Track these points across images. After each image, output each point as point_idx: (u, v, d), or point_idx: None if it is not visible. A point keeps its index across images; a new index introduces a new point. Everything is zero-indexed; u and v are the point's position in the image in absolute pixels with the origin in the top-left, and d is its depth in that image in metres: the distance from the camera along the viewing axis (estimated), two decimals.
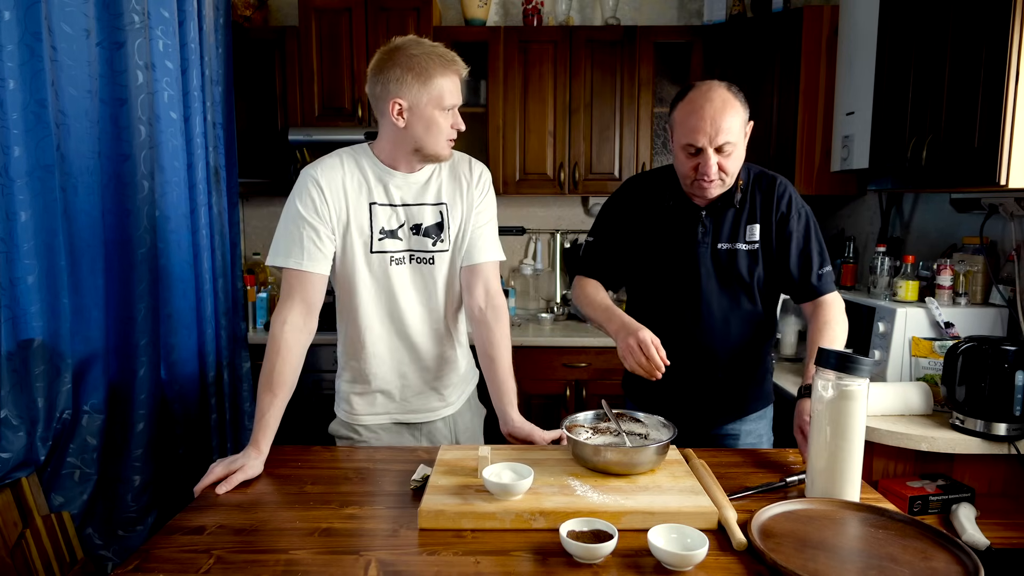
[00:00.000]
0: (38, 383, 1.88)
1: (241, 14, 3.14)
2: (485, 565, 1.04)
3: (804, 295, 1.65)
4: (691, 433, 1.64)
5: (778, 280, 1.66)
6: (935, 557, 1.03)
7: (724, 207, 1.63)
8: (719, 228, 1.63)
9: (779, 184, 1.65)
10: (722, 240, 1.63)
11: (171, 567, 1.04)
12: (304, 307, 1.53)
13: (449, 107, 1.50)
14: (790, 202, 1.63)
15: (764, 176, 1.67)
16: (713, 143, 1.50)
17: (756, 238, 1.63)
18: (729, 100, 1.51)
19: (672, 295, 1.67)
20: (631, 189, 1.76)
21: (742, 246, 1.63)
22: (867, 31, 2.45)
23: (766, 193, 1.64)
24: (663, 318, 1.66)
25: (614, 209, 1.76)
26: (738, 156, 1.55)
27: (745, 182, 1.64)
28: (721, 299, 1.65)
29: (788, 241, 1.62)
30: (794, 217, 1.63)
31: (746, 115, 1.55)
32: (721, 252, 1.63)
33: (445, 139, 1.52)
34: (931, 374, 2.14)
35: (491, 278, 1.65)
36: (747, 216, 1.63)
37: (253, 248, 3.54)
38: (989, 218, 2.25)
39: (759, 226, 1.63)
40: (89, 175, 2.02)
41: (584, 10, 3.41)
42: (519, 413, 1.60)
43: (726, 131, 1.49)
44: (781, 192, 1.64)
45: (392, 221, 1.58)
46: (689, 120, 1.51)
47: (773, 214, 1.63)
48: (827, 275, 1.65)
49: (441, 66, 1.47)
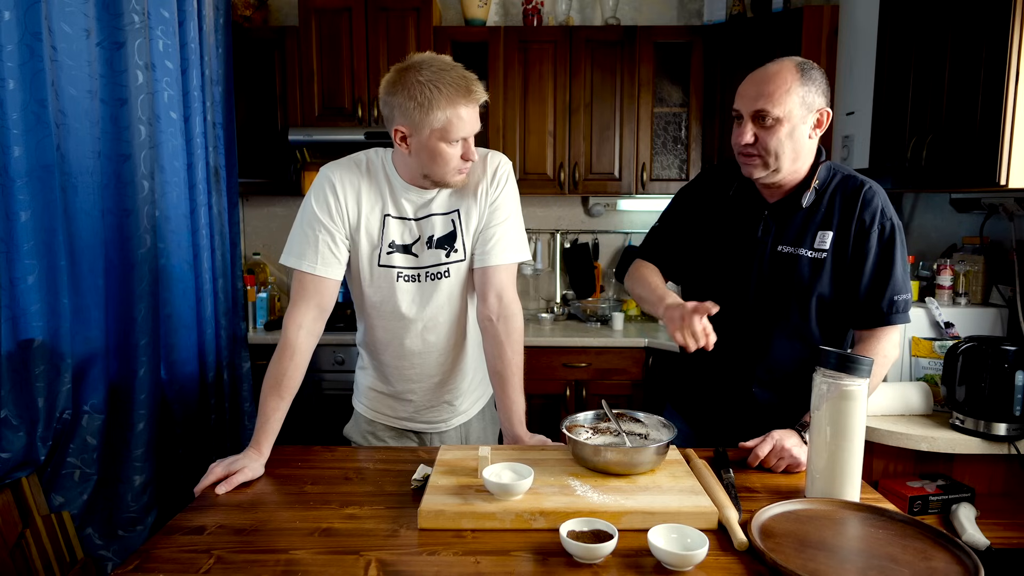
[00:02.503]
0: (38, 383, 1.88)
1: (241, 14, 3.14)
2: (485, 565, 1.04)
3: (869, 321, 1.45)
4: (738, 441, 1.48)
5: (844, 301, 1.47)
6: (935, 557, 1.03)
7: (792, 207, 1.48)
8: (783, 229, 1.48)
9: (867, 190, 1.45)
10: (784, 242, 1.48)
11: (171, 567, 1.04)
12: (318, 311, 1.51)
13: (456, 140, 1.41)
14: (876, 212, 1.43)
15: (851, 180, 1.47)
16: (750, 108, 1.39)
17: (827, 247, 1.44)
18: (786, 71, 1.38)
19: (719, 295, 1.47)
20: (706, 177, 1.64)
21: (806, 252, 1.46)
22: (867, 31, 2.45)
23: (849, 199, 1.45)
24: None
25: (685, 196, 1.64)
26: (786, 135, 1.38)
27: (822, 181, 1.47)
28: (768, 307, 1.49)
29: (864, 259, 1.43)
30: (876, 230, 1.43)
31: (810, 96, 1.38)
32: (782, 255, 1.47)
33: (453, 169, 1.45)
34: (931, 374, 2.14)
35: (505, 284, 1.55)
36: (820, 221, 1.46)
37: (253, 248, 3.54)
38: (989, 218, 2.26)
39: (833, 234, 1.44)
40: (89, 175, 2.02)
41: (584, 10, 3.41)
42: (527, 431, 1.54)
43: (766, 98, 1.36)
44: (868, 199, 1.44)
45: (406, 236, 1.54)
46: (742, 85, 1.43)
47: (853, 223, 1.43)
48: (901, 303, 1.44)
49: (447, 97, 1.37)
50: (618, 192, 3.23)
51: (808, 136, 1.43)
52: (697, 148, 3.19)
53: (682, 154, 3.27)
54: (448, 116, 1.38)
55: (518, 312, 1.56)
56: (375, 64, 3.05)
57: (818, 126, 1.43)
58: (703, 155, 3.19)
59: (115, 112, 2.10)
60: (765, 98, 1.38)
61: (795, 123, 1.39)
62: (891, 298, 1.44)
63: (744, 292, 1.52)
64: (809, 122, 1.41)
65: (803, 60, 1.42)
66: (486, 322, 1.55)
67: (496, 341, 1.55)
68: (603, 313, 3.30)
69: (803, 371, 1.41)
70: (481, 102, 1.42)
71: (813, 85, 1.39)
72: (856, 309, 1.47)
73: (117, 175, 2.13)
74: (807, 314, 1.49)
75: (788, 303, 1.49)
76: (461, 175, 1.48)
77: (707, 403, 1.61)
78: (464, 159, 1.45)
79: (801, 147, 1.42)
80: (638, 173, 3.17)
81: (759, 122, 1.40)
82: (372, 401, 1.69)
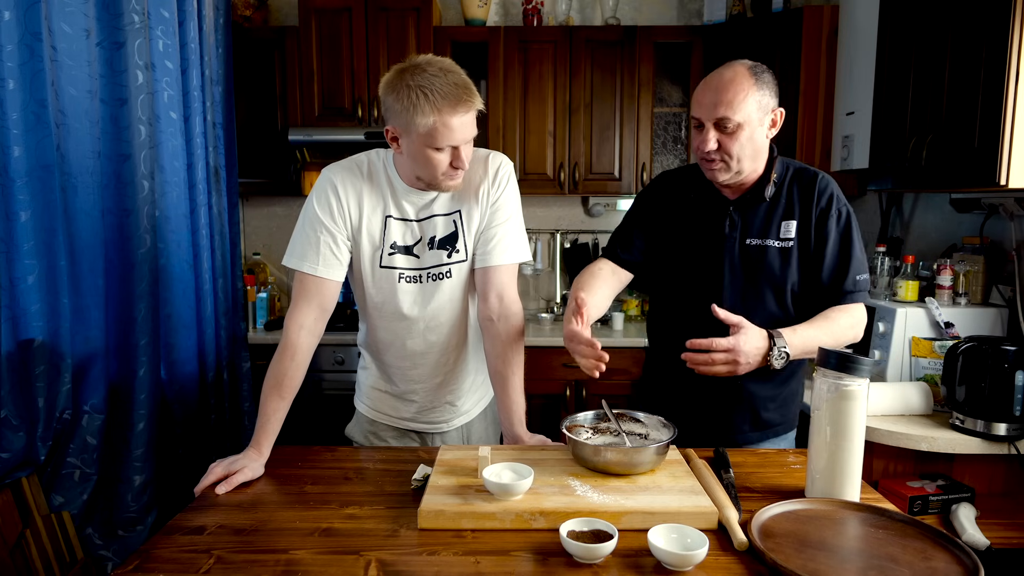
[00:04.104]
0: (38, 383, 1.88)
1: (241, 14, 3.14)
2: (485, 565, 1.04)
3: (834, 301, 1.51)
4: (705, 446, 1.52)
5: (810, 284, 1.53)
6: (935, 557, 1.03)
7: (754, 201, 1.53)
8: (749, 223, 1.53)
9: (820, 180, 1.53)
10: (751, 235, 1.52)
11: (171, 567, 1.04)
12: (319, 312, 1.51)
13: (442, 147, 1.39)
14: (831, 199, 1.51)
15: (804, 172, 1.56)
16: (711, 116, 1.42)
17: (792, 235, 1.51)
18: (740, 78, 1.42)
19: (692, 294, 1.56)
20: (661, 184, 1.68)
21: (774, 243, 1.52)
22: (867, 31, 2.45)
23: (805, 189, 1.53)
24: (682, 319, 1.58)
25: (643, 202, 1.68)
26: (747, 139, 1.44)
27: (780, 176, 1.54)
28: (744, 299, 1.53)
29: (824, 243, 1.50)
30: (833, 216, 1.51)
31: (764, 99, 1.44)
32: (750, 248, 1.52)
33: (441, 175, 1.43)
34: (931, 374, 2.14)
35: (506, 284, 1.55)
36: (783, 212, 1.53)
37: (253, 248, 3.54)
38: (989, 218, 2.26)
39: (796, 223, 1.51)
40: (89, 175, 2.02)
41: (584, 10, 3.41)
42: (527, 431, 1.54)
43: (726, 105, 1.40)
44: (823, 188, 1.52)
45: (408, 237, 1.54)
46: (697, 93, 1.47)
47: (813, 211, 1.51)
48: (862, 283, 1.52)
49: (433, 104, 1.34)
50: (618, 192, 3.23)
51: (765, 136, 1.49)
52: None
53: (682, 154, 3.27)
54: (433, 123, 1.35)
55: (519, 312, 1.56)
56: (375, 64, 3.05)
57: (773, 126, 1.49)
58: None
59: (115, 112, 2.10)
60: (725, 105, 1.42)
61: (754, 126, 1.45)
62: (854, 277, 1.51)
63: (718, 288, 1.54)
64: (765, 123, 1.48)
65: (754, 63, 1.47)
66: (487, 322, 1.56)
67: (497, 341, 1.55)
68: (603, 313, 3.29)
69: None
70: (474, 111, 1.40)
71: (767, 88, 1.45)
72: (821, 290, 1.52)
73: (117, 175, 2.13)
74: (784, 302, 1.54)
75: (763, 293, 1.53)
76: (453, 181, 1.46)
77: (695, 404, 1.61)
78: (453, 167, 1.43)
79: (760, 147, 1.49)
80: (638, 173, 3.17)
81: (721, 129, 1.44)
82: (374, 401, 1.69)
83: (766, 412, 1.60)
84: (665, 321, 1.67)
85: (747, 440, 1.62)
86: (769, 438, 1.64)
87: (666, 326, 1.66)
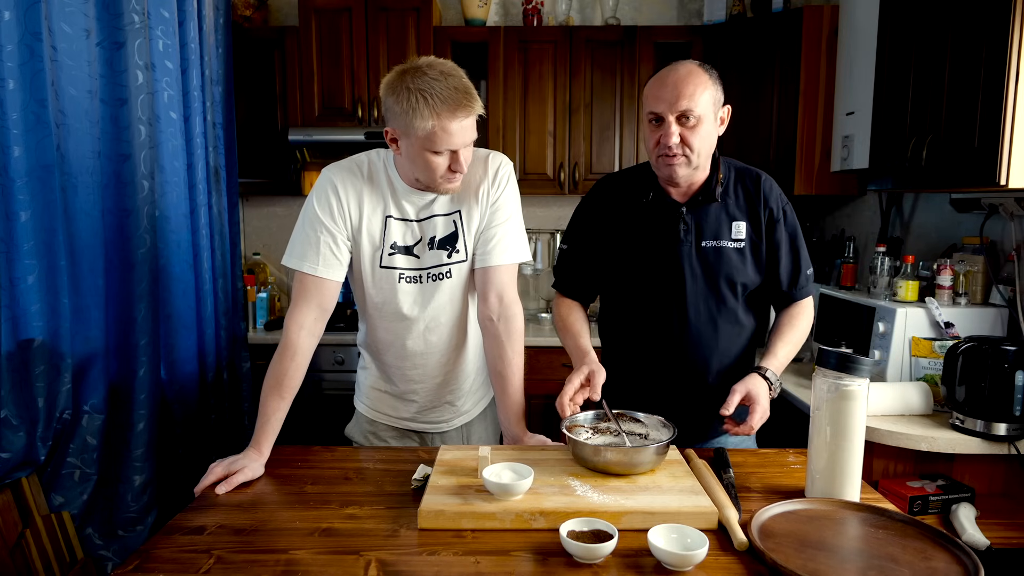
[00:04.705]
0: (38, 383, 1.88)
1: (241, 14, 3.15)
2: (485, 565, 1.04)
3: (790, 300, 1.61)
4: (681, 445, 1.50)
5: (767, 286, 1.59)
6: (935, 557, 1.03)
7: (706, 202, 1.54)
8: (702, 225, 1.54)
9: (764, 181, 1.57)
10: (707, 237, 1.54)
11: (171, 567, 1.04)
12: (319, 312, 1.51)
13: (440, 150, 1.39)
14: (776, 202, 1.56)
15: (747, 172, 1.59)
16: (674, 109, 1.43)
17: (743, 236, 1.55)
18: (696, 72, 1.44)
19: (653, 300, 1.57)
20: (604, 188, 1.65)
21: (728, 243, 1.54)
22: (867, 31, 2.45)
23: (750, 190, 1.56)
24: (643, 326, 1.59)
25: (587, 211, 1.66)
26: (705, 133, 1.46)
27: (726, 176, 1.56)
28: (707, 301, 1.55)
29: (778, 248, 1.56)
30: (780, 220, 1.56)
31: (717, 95, 1.47)
32: (707, 250, 1.54)
33: (439, 178, 1.44)
34: (931, 374, 2.14)
35: (506, 284, 1.55)
36: (732, 213, 1.55)
37: (253, 248, 3.54)
38: (989, 218, 2.25)
39: (746, 224, 1.55)
40: (89, 175, 2.01)
41: (584, 10, 3.41)
42: (527, 430, 1.54)
43: (688, 97, 1.42)
44: (767, 190, 1.56)
45: (408, 237, 1.54)
46: (652, 89, 1.48)
47: (761, 213, 1.55)
48: (810, 275, 1.62)
49: (432, 108, 1.34)
50: None
51: (716, 134, 1.51)
52: None
53: None
54: (431, 127, 1.35)
55: (519, 312, 1.56)
56: (375, 64, 3.05)
57: (722, 123, 1.52)
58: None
59: (115, 112, 2.10)
60: (687, 98, 1.43)
61: (710, 121, 1.47)
62: (805, 273, 1.60)
63: (680, 292, 1.55)
64: (717, 120, 1.50)
65: (701, 62, 1.49)
66: (487, 322, 1.56)
67: (497, 341, 1.55)
68: None
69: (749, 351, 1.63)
70: (473, 116, 1.40)
71: (717, 83, 1.49)
72: (778, 293, 1.60)
73: (117, 175, 2.13)
74: (739, 299, 1.58)
75: (724, 295, 1.56)
76: (451, 184, 1.46)
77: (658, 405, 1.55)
78: (451, 170, 1.43)
79: (712, 144, 1.51)
80: None
81: (683, 122, 1.44)
82: (374, 401, 1.69)
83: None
84: (622, 325, 1.65)
85: (715, 433, 1.62)
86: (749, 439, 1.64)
87: (624, 330, 1.65)
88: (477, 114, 1.41)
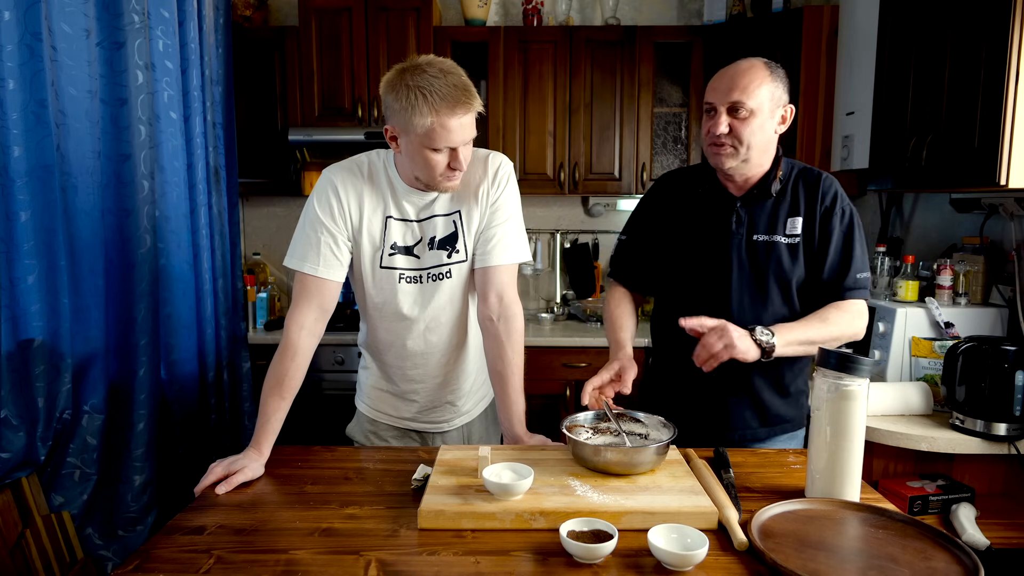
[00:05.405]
0: (38, 383, 1.88)
1: (241, 14, 3.14)
2: (485, 565, 1.04)
3: (832, 297, 1.53)
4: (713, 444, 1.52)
5: (811, 281, 1.55)
6: (935, 557, 1.03)
7: (761, 197, 1.54)
8: (755, 219, 1.54)
9: (824, 179, 1.56)
10: (759, 231, 1.54)
11: (171, 567, 1.04)
12: (319, 312, 1.51)
13: (440, 148, 1.39)
14: (835, 198, 1.54)
15: (809, 171, 1.59)
16: (725, 100, 1.45)
17: (798, 231, 1.53)
18: (756, 68, 1.46)
19: (699, 291, 1.58)
20: (665, 183, 1.70)
21: (782, 239, 1.53)
22: (867, 31, 2.45)
23: (810, 187, 1.55)
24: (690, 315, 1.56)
25: (647, 204, 1.70)
26: (757, 127, 1.46)
27: (785, 173, 1.56)
28: (752, 295, 1.54)
29: (828, 241, 1.53)
30: (837, 214, 1.53)
31: (778, 92, 1.48)
32: (758, 244, 1.53)
33: (439, 176, 1.43)
34: (931, 374, 2.14)
35: (506, 284, 1.55)
36: (788, 208, 1.54)
37: (253, 248, 3.54)
38: (989, 218, 2.26)
39: (802, 220, 1.54)
40: (89, 175, 2.02)
41: (584, 10, 3.41)
42: (527, 430, 1.54)
43: (740, 90, 1.44)
44: (827, 187, 1.55)
45: (408, 237, 1.54)
46: (711, 81, 1.51)
47: (817, 209, 1.53)
48: (863, 280, 1.54)
49: (432, 105, 1.34)
50: (618, 192, 3.23)
51: (774, 131, 1.52)
52: (697, 148, 3.18)
53: (682, 154, 3.27)
54: (431, 124, 1.35)
55: (519, 312, 1.56)
56: (375, 64, 3.05)
57: (783, 122, 1.53)
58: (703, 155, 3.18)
59: (115, 112, 2.10)
60: (739, 90, 1.45)
61: (765, 116, 1.48)
62: (855, 275, 1.53)
63: (725, 285, 1.55)
64: (776, 117, 1.51)
65: (768, 60, 1.50)
66: (487, 322, 1.56)
67: (497, 341, 1.55)
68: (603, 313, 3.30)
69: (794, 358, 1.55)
70: (473, 113, 1.40)
71: (780, 82, 1.49)
72: (822, 287, 1.54)
73: (117, 175, 2.13)
74: (790, 298, 1.55)
75: (769, 289, 1.54)
76: (451, 182, 1.46)
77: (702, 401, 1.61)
78: (450, 168, 1.43)
79: (768, 140, 1.51)
80: (638, 173, 3.17)
81: (733, 113, 1.47)
82: (375, 401, 1.69)
83: (774, 408, 1.60)
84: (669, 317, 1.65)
85: (756, 437, 1.61)
86: (778, 435, 1.64)
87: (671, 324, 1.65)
88: (476, 111, 1.41)
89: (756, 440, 1.62)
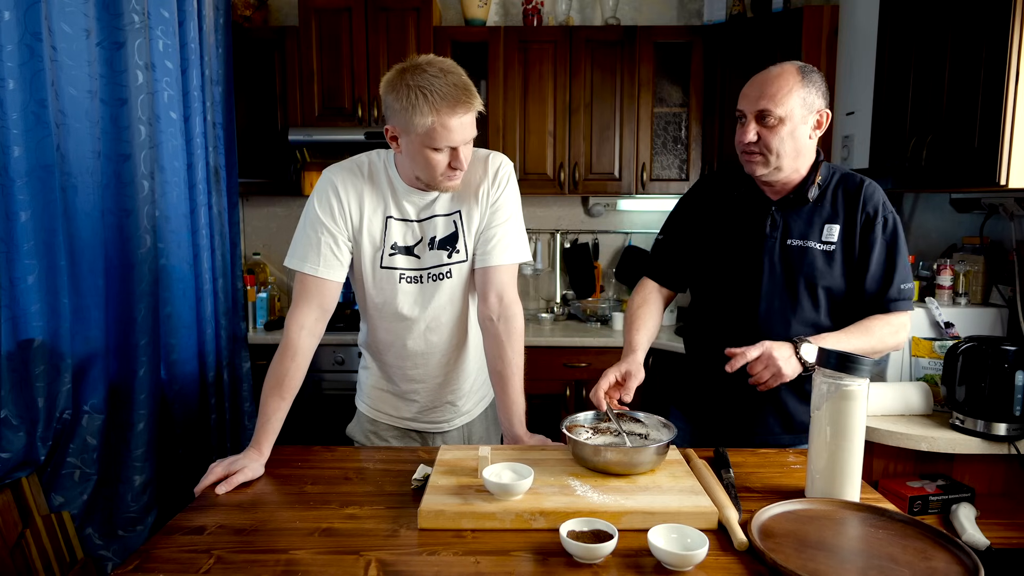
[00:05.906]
0: (38, 383, 1.88)
1: (241, 14, 3.14)
2: (485, 565, 1.04)
3: (876, 309, 1.50)
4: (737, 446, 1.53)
5: (853, 291, 1.51)
6: (935, 557, 1.03)
7: (797, 202, 1.52)
8: (790, 224, 1.52)
9: (867, 185, 1.52)
10: (793, 236, 1.51)
11: (171, 567, 1.04)
12: (320, 312, 1.51)
13: (441, 147, 1.39)
14: (877, 206, 1.50)
15: (850, 177, 1.54)
16: (753, 108, 1.44)
17: (835, 239, 1.50)
18: (787, 74, 1.43)
19: (730, 293, 1.57)
20: (704, 184, 1.69)
21: (817, 245, 1.50)
22: (867, 31, 2.45)
23: (851, 195, 1.51)
24: (719, 318, 1.59)
25: (686, 204, 1.69)
26: (787, 134, 1.44)
27: (825, 179, 1.53)
28: (782, 299, 1.52)
29: (870, 252, 1.49)
30: (879, 223, 1.49)
31: (810, 98, 1.44)
32: (792, 249, 1.51)
33: (440, 175, 1.43)
34: (931, 374, 2.14)
35: (506, 284, 1.55)
36: (827, 215, 1.51)
37: (253, 248, 3.54)
38: (989, 218, 2.26)
39: (840, 227, 1.50)
40: (89, 175, 2.02)
41: (584, 10, 3.41)
42: (527, 430, 1.54)
43: (768, 98, 1.42)
44: (869, 194, 1.51)
45: (408, 237, 1.54)
46: (744, 88, 1.49)
47: (858, 217, 1.49)
48: (907, 291, 1.50)
49: (432, 105, 1.34)
50: (618, 192, 3.23)
51: (808, 136, 1.48)
52: (697, 148, 3.19)
53: (682, 154, 3.27)
54: (431, 123, 1.35)
55: (519, 312, 1.56)
56: (375, 64, 3.05)
57: (818, 127, 1.49)
58: (703, 155, 3.19)
59: (115, 112, 2.10)
60: (768, 98, 1.43)
61: (796, 123, 1.45)
62: (899, 286, 1.50)
63: (756, 288, 1.54)
64: (809, 122, 1.47)
65: (804, 64, 1.47)
66: (487, 322, 1.56)
67: (497, 341, 1.55)
68: (603, 313, 3.30)
69: None
70: (473, 113, 1.40)
71: (813, 87, 1.45)
72: (865, 298, 1.51)
73: (117, 175, 2.13)
74: (818, 305, 1.52)
75: (800, 295, 1.52)
76: (452, 182, 1.46)
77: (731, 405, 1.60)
78: (451, 167, 1.43)
79: (802, 146, 1.48)
80: (638, 173, 3.18)
81: (762, 121, 1.45)
82: (375, 401, 1.69)
83: (799, 415, 1.59)
84: (703, 321, 1.66)
85: (779, 443, 1.60)
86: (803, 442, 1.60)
87: (703, 326, 1.66)
88: (477, 111, 1.41)
89: (779, 446, 1.60)
